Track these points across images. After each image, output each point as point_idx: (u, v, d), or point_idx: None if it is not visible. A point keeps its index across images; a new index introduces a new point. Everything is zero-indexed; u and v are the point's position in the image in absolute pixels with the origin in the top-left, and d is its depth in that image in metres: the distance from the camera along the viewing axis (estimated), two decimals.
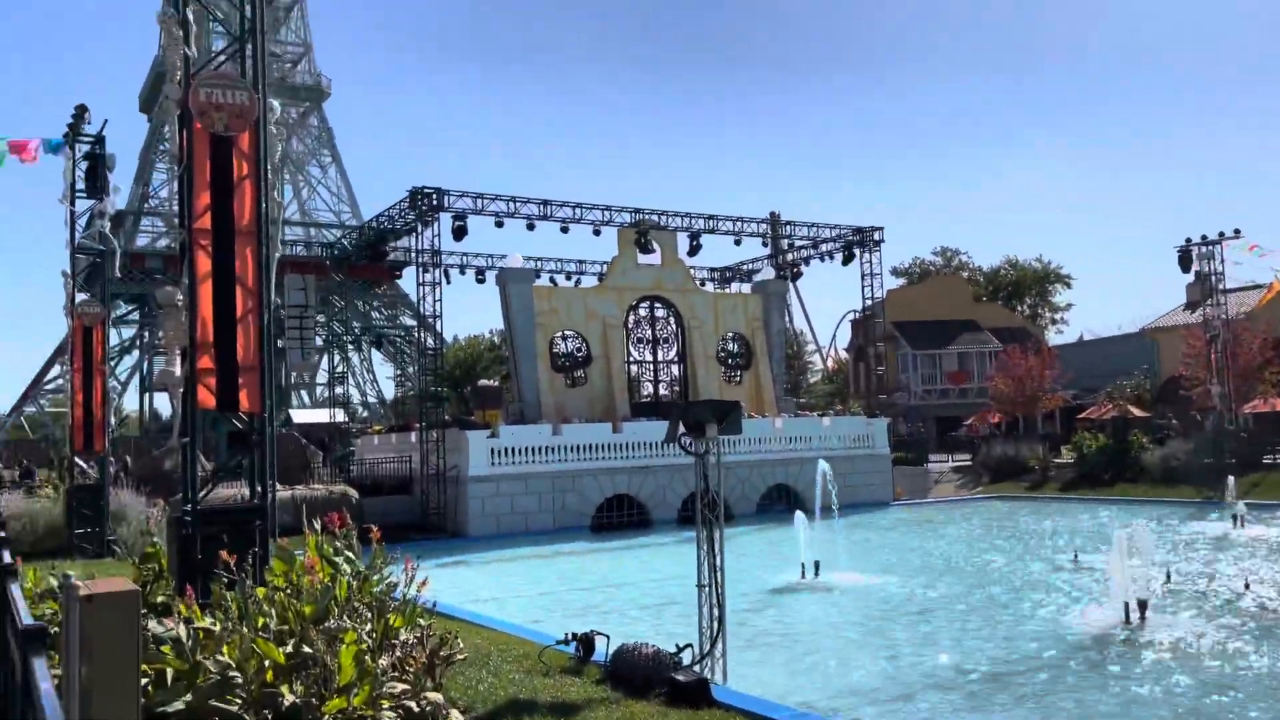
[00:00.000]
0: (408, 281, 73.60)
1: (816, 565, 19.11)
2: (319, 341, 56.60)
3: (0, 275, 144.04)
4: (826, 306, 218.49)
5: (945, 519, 32.01)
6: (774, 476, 35.71)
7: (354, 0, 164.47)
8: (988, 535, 27.28)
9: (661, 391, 38.92)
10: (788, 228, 42.47)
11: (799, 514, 20.87)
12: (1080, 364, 55.18)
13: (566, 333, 36.61)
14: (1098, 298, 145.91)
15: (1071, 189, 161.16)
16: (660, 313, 38.73)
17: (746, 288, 44.83)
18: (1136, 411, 46.91)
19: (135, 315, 74.34)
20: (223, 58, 10.09)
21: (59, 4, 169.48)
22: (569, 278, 43.85)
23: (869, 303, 41.47)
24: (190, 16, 9.03)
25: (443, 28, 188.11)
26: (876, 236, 41.03)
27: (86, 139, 19.28)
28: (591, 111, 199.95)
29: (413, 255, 34.79)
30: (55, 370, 78.22)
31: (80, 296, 20.37)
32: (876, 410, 42.27)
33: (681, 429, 9.82)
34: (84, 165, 19.04)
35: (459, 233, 33.61)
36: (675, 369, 39.14)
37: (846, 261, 41.17)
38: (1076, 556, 21.27)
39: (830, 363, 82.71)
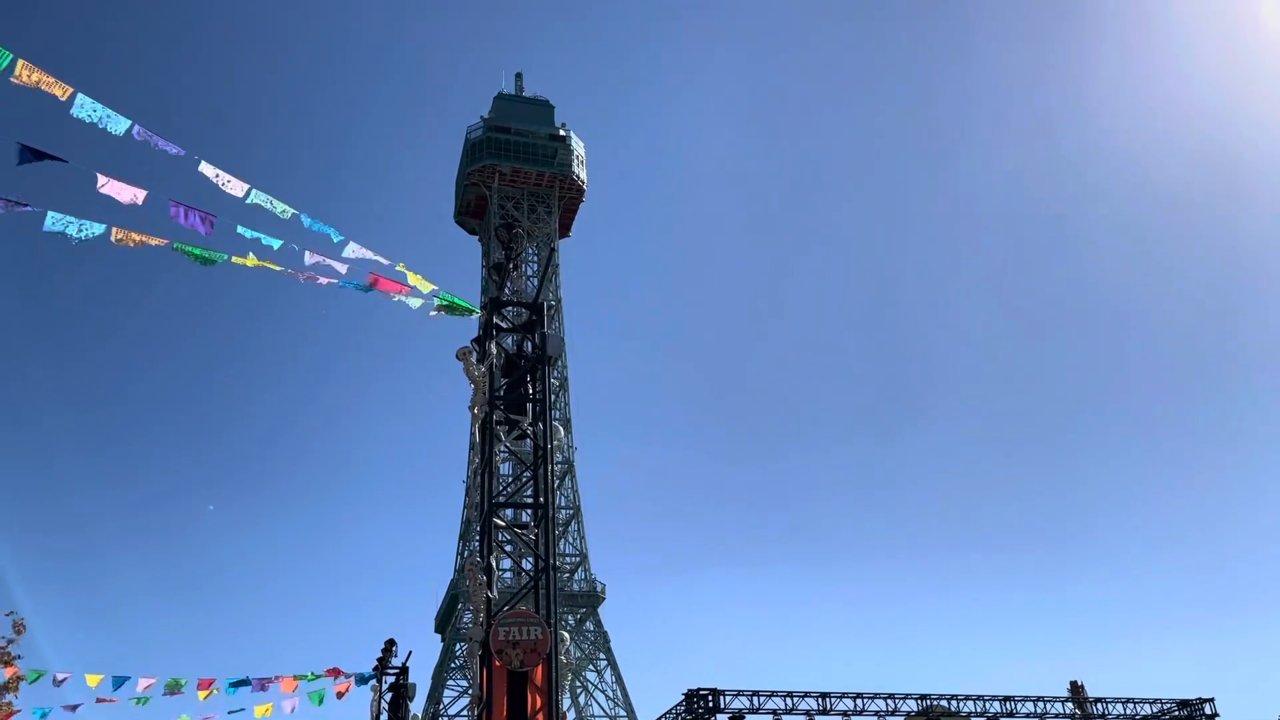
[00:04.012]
0: None
1: None
2: None
3: None
4: None
5: None
6: None
7: (623, 503, 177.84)
8: None
9: None
10: (1098, 705, 38.03)
11: None
12: None
13: None
14: None
15: None
16: None
17: None
18: None
19: None
20: (518, 590, 10.99)
21: (371, 538, 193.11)
22: None
23: None
24: (493, 563, 10.07)
25: (704, 524, 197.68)
26: (1208, 710, 35.96)
27: (393, 670, 20.90)
28: (867, 593, 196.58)
29: None
30: None
31: None
32: None
33: None
34: (389, 695, 20.44)
35: None
36: None
37: None
38: None
39: None
